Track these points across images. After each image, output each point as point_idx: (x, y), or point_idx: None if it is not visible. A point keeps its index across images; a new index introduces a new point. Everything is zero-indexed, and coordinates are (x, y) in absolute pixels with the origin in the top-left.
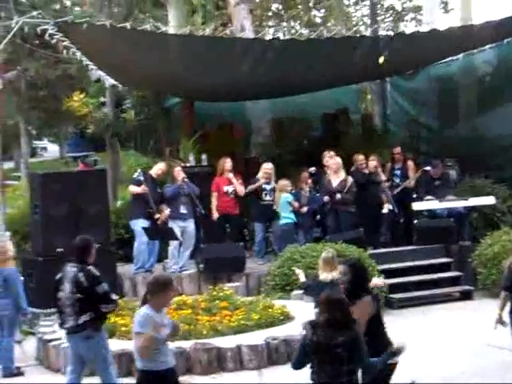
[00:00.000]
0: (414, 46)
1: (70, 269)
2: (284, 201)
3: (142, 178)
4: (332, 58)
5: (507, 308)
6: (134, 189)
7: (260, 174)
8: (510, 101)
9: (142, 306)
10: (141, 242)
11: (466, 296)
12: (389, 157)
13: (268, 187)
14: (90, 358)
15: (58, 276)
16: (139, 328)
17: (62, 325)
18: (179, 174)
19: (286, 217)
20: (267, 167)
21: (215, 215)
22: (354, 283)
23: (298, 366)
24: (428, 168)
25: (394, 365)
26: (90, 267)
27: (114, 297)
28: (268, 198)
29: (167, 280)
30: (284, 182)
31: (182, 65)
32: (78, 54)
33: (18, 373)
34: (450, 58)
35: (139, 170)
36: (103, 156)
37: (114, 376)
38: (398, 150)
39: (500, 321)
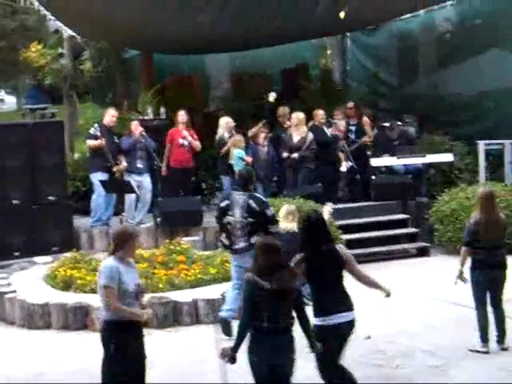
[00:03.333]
0: (375, 0)
1: (239, 196)
2: (236, 156)
3: (98, 133)
4: (292, 11)
5: (467, 264)
6: (90, 142)
7: (221, 129)
8: (469, 58)
9: (109, 257)
10: (98, 194)
11: (422, 252)
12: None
13: None
14: None
15: (225, 203)
16: (106, 281)
17: (230, 246)
18: (137, 127)
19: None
20: (230, 121)
21: (163, 170)
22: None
23: (249, 318)
24: (386, 124)
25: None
26: (257, 194)
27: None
28: None
29: (134, 231)
30: (237, 138)
31: (140, 14)
32: (36, 3)
33: None
34: (410, 15)
35: (96, 125)
36: (61, 108)
37: None
38: (350, 105)
39: (461, 277)
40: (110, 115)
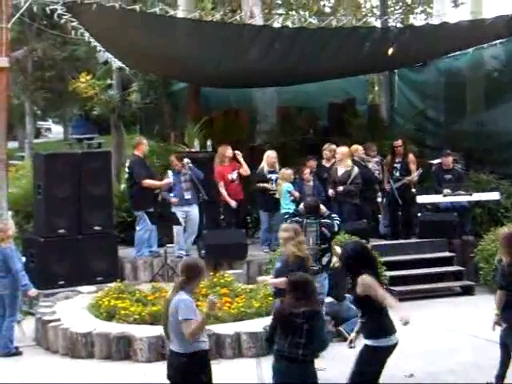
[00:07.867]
0: (424, 38)
1: (311, 225)
2: (285, 190)
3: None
4: (341, 48)
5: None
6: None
7: (263, 162)
8: None
9: (180, 292)
10: (144, 226)
11: (467, 291)
12: (390, 149)
13: (273, 176)
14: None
15: None
16: (190, 315)
17: None
18: (176, 163)
19: (286, 206)
20: (271, 155)
21: (233, 203)
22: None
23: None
24: (434, 161)
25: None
26: (325, 220)
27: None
28: (274, 187)
29: (203, 265)
30: (286, 171)
31: (189, 50)
32: (86, 35)
33: (16, 353)
34: (458, 52)
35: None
36: (108, 139)
37: None
38: (399, 142)
39: (498, 321)
40: (142, 145)
